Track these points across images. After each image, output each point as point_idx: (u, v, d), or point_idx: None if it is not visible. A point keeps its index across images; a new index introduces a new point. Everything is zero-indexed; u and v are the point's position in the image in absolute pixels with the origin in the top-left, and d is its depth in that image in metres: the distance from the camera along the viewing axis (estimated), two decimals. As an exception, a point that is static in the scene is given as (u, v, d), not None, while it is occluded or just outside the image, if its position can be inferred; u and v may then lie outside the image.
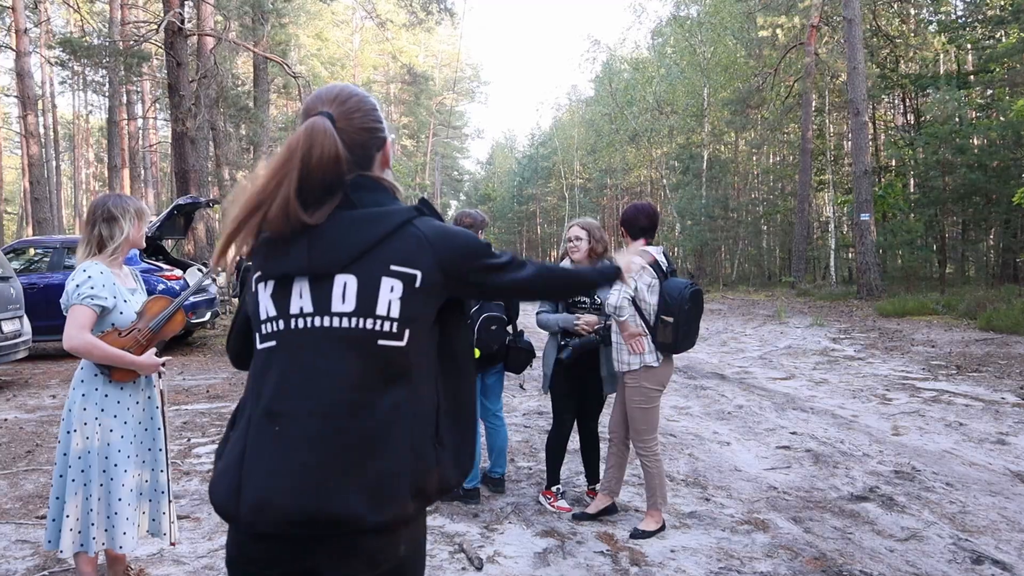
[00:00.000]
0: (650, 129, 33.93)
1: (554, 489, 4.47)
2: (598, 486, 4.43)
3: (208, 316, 11.16)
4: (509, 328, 4.66)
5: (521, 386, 4.91)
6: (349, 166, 1.43)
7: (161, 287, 10.48)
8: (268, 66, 19.30)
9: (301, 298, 1.39)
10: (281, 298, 1.41)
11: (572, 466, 5.05)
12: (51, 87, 40.50)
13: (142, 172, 32.86)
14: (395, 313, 1.38)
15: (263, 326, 1.43)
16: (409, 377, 1.41)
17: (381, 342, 1.38)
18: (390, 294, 1.38)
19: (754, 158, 35.75)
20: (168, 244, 12.33)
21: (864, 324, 14.09)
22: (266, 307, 1.42)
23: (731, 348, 11.86)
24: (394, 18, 27.89)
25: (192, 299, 10.61)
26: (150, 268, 10.59)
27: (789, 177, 31.18)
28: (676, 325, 3.91)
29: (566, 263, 4.54)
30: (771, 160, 36.13)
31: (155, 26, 12.78)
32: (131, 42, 15.80)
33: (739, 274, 32.99)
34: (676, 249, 34.78)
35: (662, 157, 35.79)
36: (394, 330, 1.38)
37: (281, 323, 1.40)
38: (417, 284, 1.40)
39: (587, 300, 4.36)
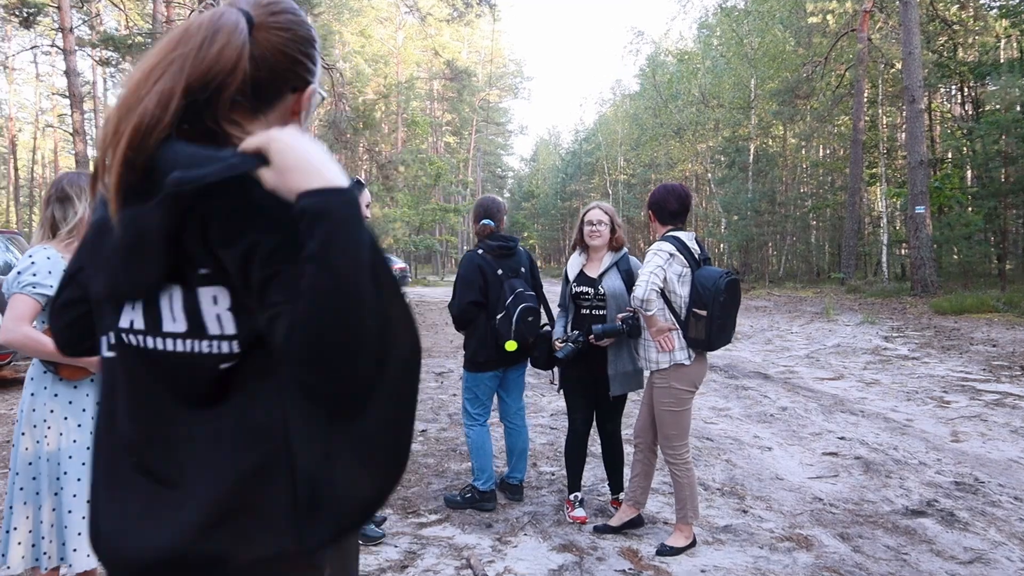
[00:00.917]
0: (695, 123, 33.18)
1: (572, 497, 4.13)
2: (622, 495, 4.07)
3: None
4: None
5: (551, 382, 4.61)
6: (244, 95, 1.07)
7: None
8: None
9: (133, 310, 1.05)
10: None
11: (599, 471, 4.70)
12: (104, 87, 41.40)
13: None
14: (229, 329, 1.03)
15: (110, 335, 1.10)
16: (256, 404, 1.05)
17: (224, 366, 1.04)
18: (215, 307, 1.03)
19: (803, 151, 34.71)
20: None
21: (918, 322, 13.38)
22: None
23: (776, 346, 11.34)
24: (435, 12, 27.69)
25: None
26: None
27: (839, 170, 30.16)
28: (710, 319, 3.53)
29: (575, 258, 4.18)
30: (820, 153, 35.05)
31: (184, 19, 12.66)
32: (159, 34, 15.76)
33: (786, 270, 32.07)
34: (721, 245, 33.96)
35: (707, 151, 34.99)
36: (234, 350, 1.04)
37: (122, 336, 1.07)
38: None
39: (590, 291, 4.00)
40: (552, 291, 4.60)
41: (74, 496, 2.44)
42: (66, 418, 2.46)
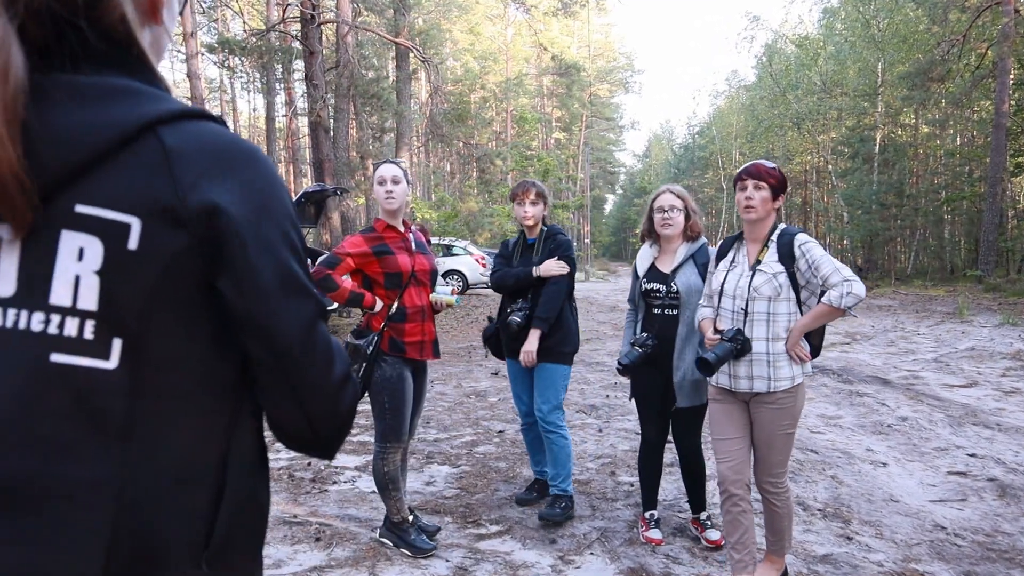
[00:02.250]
0: (815, 112, 31.37)
1: (647, 515, 3.69)
2: (704, 515, 3.61)
3: (335, 304, 11.06)
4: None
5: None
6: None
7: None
8: (411, 58, 19.39)
9: None
10: None
11: (681, 484, 4.23)
12: (232, 92, 43.63)
13: (304, 168, 34.48)
14: (87, 303, 0.73)
15: None
16: (132, 432, 0.76)
17: (57, 358, 0.72)
18: (76, 264, 0.72)
19: (936, 139, 32.18)
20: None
21: (1071, 325, 11.95)
22: None
23: (899, 348, 10.34)
24: (541, 5, 27.46)
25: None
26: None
27: (978, 159, 27.70)
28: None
29: (645, 250, 3.72)
30: (957, 141, 32.37)
31: (293, 19, 12.96)
32: (255, 33, 16.13)
33: (915, 267, 29.83)
34: (844, 240, 31.94)
35: (828, 142, 33.03)
36: (86, 335, 0.73)
37: None
38: (131, 245, 0.74)
39: (662, 288, 3.53)
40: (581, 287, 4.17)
41: None
42: None
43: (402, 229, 3.48)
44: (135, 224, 0.74)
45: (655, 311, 3.56)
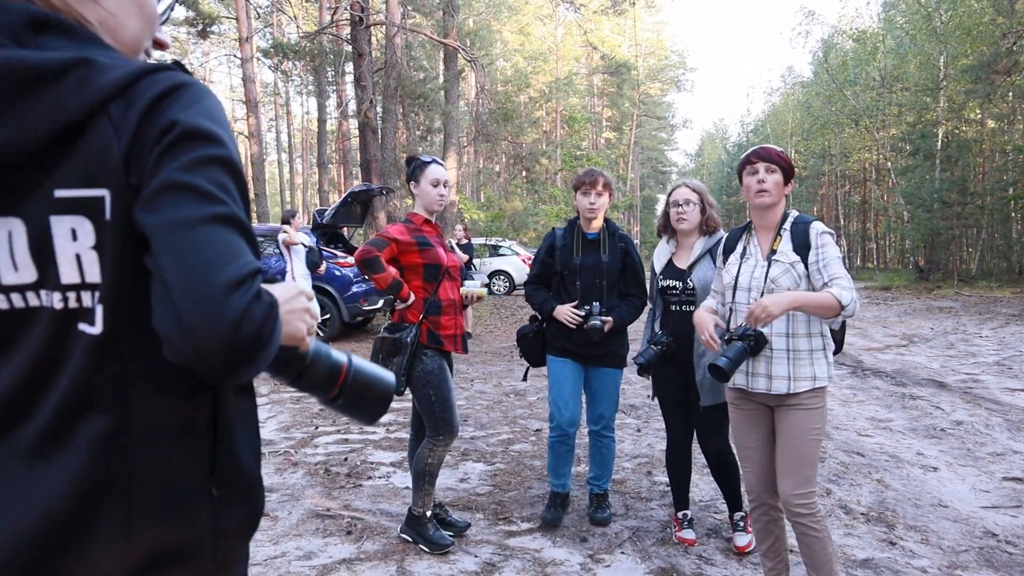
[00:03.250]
0: (874, 108, 30.47)
1: (680, 515, 3.61)
2: (738, 516, 3.51)
3: (381, 303, 11.19)
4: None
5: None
6: None
7: (337, 274, 10.65)
8: (459, 59, 19.48)
9: None
10: None
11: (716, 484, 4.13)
12: (286, 95, 44.46)
13: (355, 169, 34.96)
14: (93, 276, 0.83)
15: None
16: (130, 390, 0.85)
17: (82, 327, 0.83)
18: (73, 244, 0.81)
19: (1004, 134, 30.91)
20: (346, 232, 12.56)
21: None
22: None
23: (959, 351, 9.95)
24: (591, 4, 27.33)
25: (364, 286, 10.68)
26: (327, 255, 10.78)
27: (1050, 155, 26.52)
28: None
29: (662, 245, 3.64)
30: (1027, 136, 31.04)
31: (343, 21, 13.10)
32: (306, 36, 16.34)
33: (980, 268, 28.72)
34: (905, 240, 30.91)
35: (888, 139, 32.04)
36: (95, 304, 0.84)
37: None
38: (107, 215, 0.82)
39: (678, 285, 3.45)
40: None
41: None
42: None
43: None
44: (107, 196, 0.81)
45: (672, 308, 3.49)
